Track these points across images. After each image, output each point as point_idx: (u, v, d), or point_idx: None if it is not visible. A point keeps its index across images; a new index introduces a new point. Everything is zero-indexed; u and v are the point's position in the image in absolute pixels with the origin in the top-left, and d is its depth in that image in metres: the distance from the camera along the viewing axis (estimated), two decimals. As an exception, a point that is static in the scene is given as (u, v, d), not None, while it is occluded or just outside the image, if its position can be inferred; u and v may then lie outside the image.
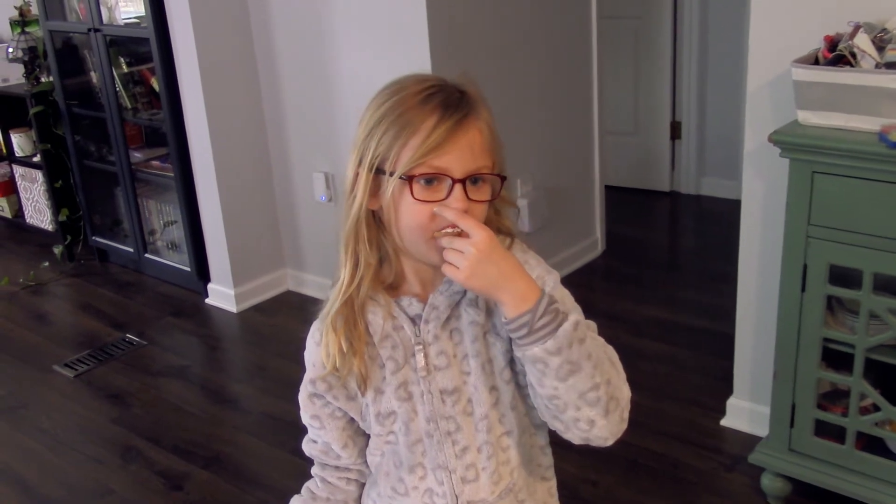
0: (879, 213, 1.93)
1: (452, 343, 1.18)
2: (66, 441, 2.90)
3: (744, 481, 2.44)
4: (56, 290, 4.18)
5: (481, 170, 1.10)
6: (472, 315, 1.17)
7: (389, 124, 1.09)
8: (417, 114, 1.08)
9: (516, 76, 3.40)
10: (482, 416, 1.18)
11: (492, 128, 1.13)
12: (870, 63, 1.91)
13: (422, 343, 1.17)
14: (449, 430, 1.18)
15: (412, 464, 1.21)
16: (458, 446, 1.19)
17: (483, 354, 1.18)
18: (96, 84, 4.03)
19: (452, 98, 1.10)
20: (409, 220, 1.10)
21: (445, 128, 1.07)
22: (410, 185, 1.08)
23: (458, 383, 1.18)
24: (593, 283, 3.81)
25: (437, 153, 1.07)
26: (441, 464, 1.19)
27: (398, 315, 1.17)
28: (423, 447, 1.20)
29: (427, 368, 1.17)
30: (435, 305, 1.16)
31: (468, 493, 1.20)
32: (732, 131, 4.31)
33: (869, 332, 2.04)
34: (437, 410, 1.18)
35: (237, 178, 3.66)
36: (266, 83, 3.63)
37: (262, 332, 3.59)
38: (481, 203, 1.11)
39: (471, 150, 1.09)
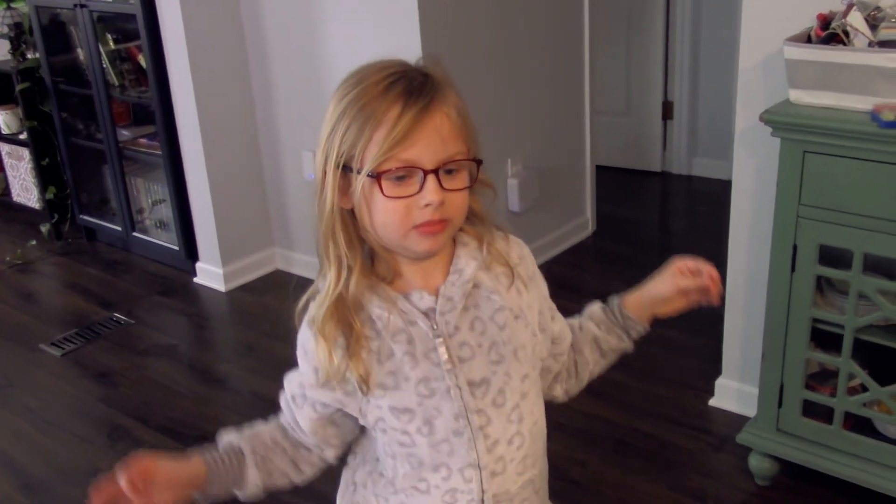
0: (870, 194, 1.92)
1: (475, 333, 1.13)
2: (54, 420, 2.89)
3: (731, 461, 2.44)
4: (43, 268, 4.15)
5: (454, 157, 1.05)
6: (496, 302, 1.14)
7: (352, 119, 1.03)
8: (379, 104, 1.02)
9: (507, 55, 3.38)
10: (513, 406, 1.15)
11: (461, 110, 1.07)
12: (863, 42, 1.89)
13: (441, 335, 1.11)
14: (481, 424, 1.13)
15: (436, 463, 1.14)
16: (490, 440, 1.14)
17: (515, 340, 1.14)
18: (83, 61, 3.99)
19: (415, 83, 1.03)
20: (383, 218, 1.05)
21: (410, 117, 1.01)
22: (379, 182, 1.03)
23: (486, 374, 1.12)
24: (583, 264, 3.80)
25: (404, 145, 1.01)
26: (471, 462, 1.14)
27: (409, 311, 1.11)
28: (449, 447, 1.13)
29: (451, 361, 1.11)
30: (449, 297, 1.11)
31: (495, 487, 1.16)
32: (724, 112, 4.29)
33: (858, 313, 2.04)
34: (467, 405, 1.12)
35: (225, 156, 3.63)
36: (255, 60, 3.59)
37: (251, 312, 3.58)
38: (459, 192, 1.06)
39: (440, 138, 1.03)
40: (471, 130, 1.09)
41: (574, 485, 2.39)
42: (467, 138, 1.07)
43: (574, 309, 1.37)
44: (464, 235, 1.15)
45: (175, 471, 1.17)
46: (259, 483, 1.23)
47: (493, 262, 1.15)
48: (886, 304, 1.99)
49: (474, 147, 1.09)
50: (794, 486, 2.32)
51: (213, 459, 1.20)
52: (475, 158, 1.08)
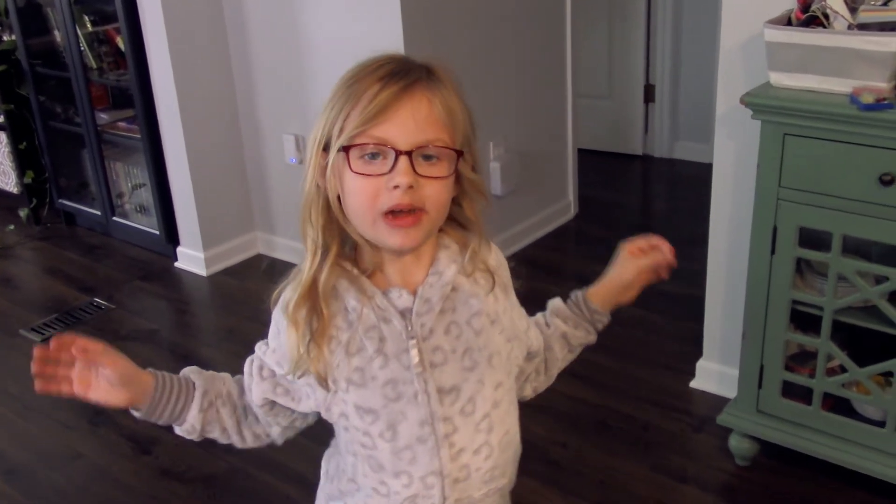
0: (850, 176, 1.93)
1: (449, 337, 1.10)
2: (34, 406, 2.87)
3: (712, 442, 2.46)
4: (22, 253, 4.11)
5: (433, 142, 1.01)
6: (474, 306, 1.11)
7: (337, 99, 1.02)
8: (363, 85, 1.01)
9: (489, 38, 3.37)
10: (483, 415, 1.12)
11: (451, 107, 1.04)
12: (842, 24, 1.90)
13: (415, 337, 1.08)
14: (447, 432, 1.10)
15: (397, 470, 1.12)
16: (455, 448, 1.11)
17: (490, 346, 1.12)
18: (60, 43, 3.94)
19: (403, 67, 1.02)
20: (352, 197, 1.03)
21: (387, 94, 0.99)
22: (349, 157, 1.01)
23: (457, 381, 1.10)
24: (565, 247, 3.81)
25: (377, 121, 0.99)
26: (434, 470, 1.11)
27: (385, 307, 1.08)
28: (411, 454, 1.10)
29: (422, 365, 1.08)
30: (426, 298, 1.08)
31: (458, 493, 1.14)
32: (706, 95, 4.30)
33: (837, 295, 2.06)
34: (434, 412, 1.09)
35: (206, 140, 3.61)
36: (235, 43, 3.56)
37: (233, 296, 3.57)
38: (433, 179, 1.02)
39: (416, 119, 1.00)
40: (461, 127, 1.05)
41: (555, 466, 2.40)
42: (453, 132, 1.04)
43: (556, 292, 1.37)
44: (445, 237, 1.12)
45: (123, 365, 1.14)
46: (197, 426, 1.21)
47: (473, 267, 1.12)
48: (865, 285, 2.01)
49: (461, 141, 1.05)
50: (773, 466, 2.35)
51: (163, 380, 1.18)
52: (456, 149, 1.04)
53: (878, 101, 1.83)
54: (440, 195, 1.04)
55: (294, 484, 2.35)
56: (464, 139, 1.06)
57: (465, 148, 1.06)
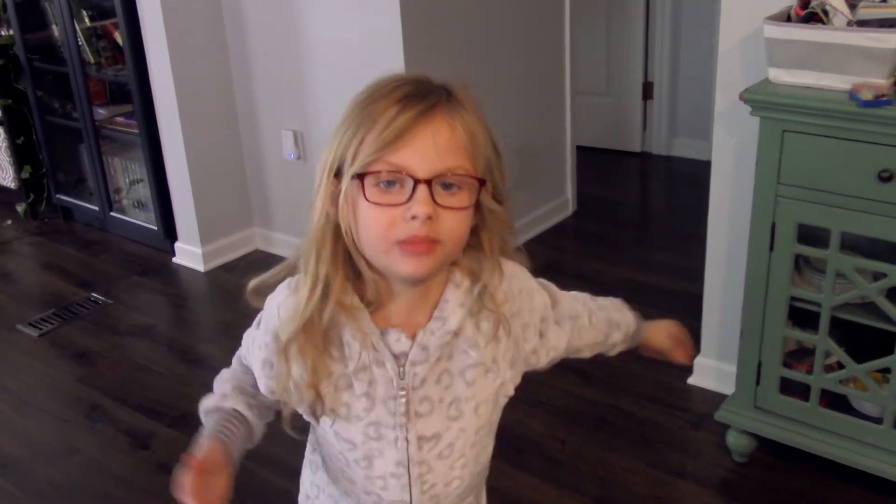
0: (848, 173, 1.93)
1: (440, 387, 1.06)
2: (31, 400, 2.87)
3: (709, 438, 2.46)
4: (19, 248, 4.11)
5: (454, 171, 0.94)
6: (472, 357, 1.06)
7: (351, 121, 0.96)
8: (379, 107, 0.94)
9: (488, 35, 3.36)
10: (460, 456, 1.10)
11: (474, 131, 0.97)
12: (842, 21, 1.90)
13: (406, 388, 1.04)
14: (421, 472, 1.09)
15: (367, 490, 1.11)
16: (427, 485, 1.10)
17: (479, 396, 1.08)
18: (58, 38, 3.93)
19: (421, 89, 0.96)
20: (366, 228, 0.96)
21: (406, 118, 0.92)
22: (363, 184, 0.94)
23: (440, 429, 1.07)
24: (564, 244, 3.81)
25: (394, 147, 0.92)
26: (404, 501, 1.11)
27: (381, 350, 1.02)
28: (383, 483, 1.09)
29: (408, 415, 1.05)
30: (424, 346, 1.03)
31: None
32: (704, 92, 4.30)
33: (835, 291, 2.06)
34: (412, 456, 1.07)
35: (204, 135, 3.60)
36: (233, 38, 3.56)
37: (230, 292, 3.56)
38: (453, 211, 0.95)
39: (436, 146, 0.93)
40: (482, 154, 0.98)
41: (553, 462, 2.40)
42: (473, 158, 0.97)
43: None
44: (456, 273, 1.05)
45: (215, 458, 1.09)
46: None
47: (481, 307, 1.05)
48: (863, 282, 2.01)
49: (484, 170, 0.99)
50: (771, 462, 2.35)
51: (225, 434, 1.14)
52: (478, 177, 0.98)
53: (877, 98, 1.83)
54: (459, 227, 0.97)
55: (291, 479, 2.33)
56: (485, 166, 0.99)
57: (487, 176, 1.00)
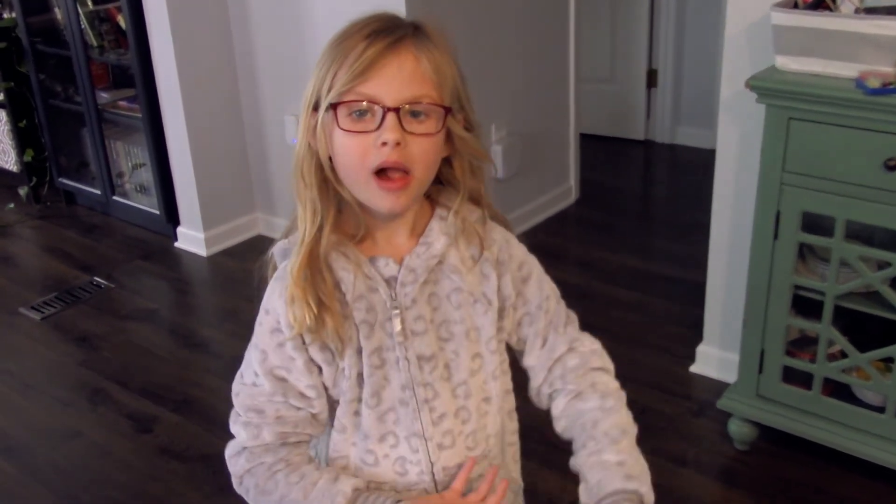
0: (854, 161, 1.92)
1: (430, 308, 1.11)
2: (34, 384, 2.87)
3: (711, 426, 2.46)
4: (22, 232, 4.11)
5: (420, 98, 1.01)
6: (455, 282, 1.12)
7: (326, 58, 1.04)
8: (350, 43, 1.02)
9: (492, 21, 3.35)
10: (460, 381, 1.14)
11: (439, 63, 1.03)
12: (849, 8, 1.89)
13: (399, 307, 1.10)
14: (427, 397, 1.12)
15: (382, 433, 1.13)
16: (436, 413, 1.13)
17: (468, 321, 1.13)
18: (61, 21, 3.92)
19: (390, 25, 1.03)
20: (342, 157, 1.04)
21: (373, 51, 1.00)
22: (336, 115, 1.02)
23: (434, 349, 1.12)
24: (567, 231, 3.80)
25: (363, 79, 1.00)
26: (416, 432, 1.12)
27: (373, 276, 1.09)
28: (395, 416, 1.12)
29: (404, 334, 1.10)
30: (412, 268, 1.09)
31: (444, 460, 1.15)
32: (709, 80, 4.28)
33: (839, 280, 2.05)
34: (414, 377, 1.11)
35: (207, 119, 3.59)
36: (236, 22, 3.54)
37: (233, 277, 3.56)
38: (422, 137, 1.02)
39: (402, 75, 1.01)
40: (449, 84, 1.05)
41: (553, 448, 2.38)
42: (439, 88, 1.03)
43: (556, 276, 1.33)
44: (442, 209, 1.12)
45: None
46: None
47: (464, 238, 1.12)
48: (867, 271, 2.00)
49: (450, 99, 1.05)
50: (773, 450, 2.35)
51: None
52: (443, 105, 1.04)
53: (884, 86, 1.82)
54: (428, 153, 1.04)
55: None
56: (453, 96, 1.05)
57: (455, 105, 1.06)
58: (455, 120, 1.06)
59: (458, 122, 1.07)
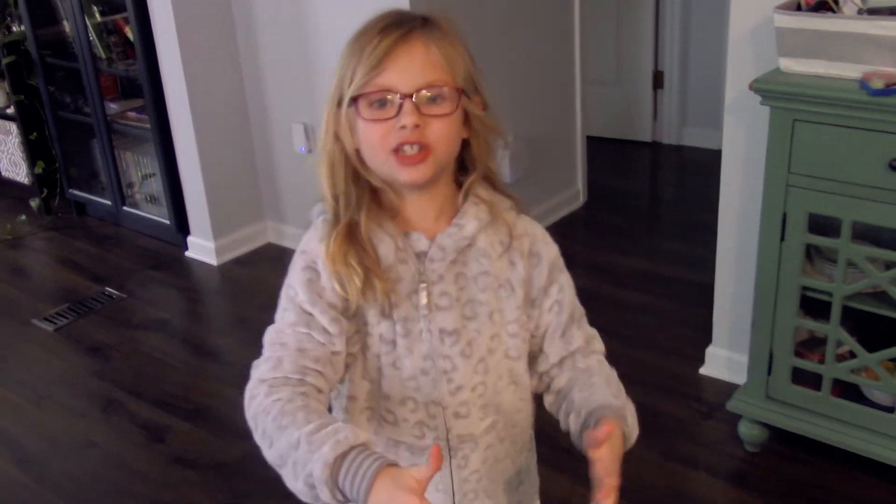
0: (859, 162, 1.93)
1: (457, 286, 1.17)
2: (47, 394, 2.90)
3: (721, 428, 2.47)
4: (34, 243, 4.14)
5: (434, 83, 1.08)
6: (484, 265, 1.17)
7: (345, 57, 1.10)
8: (365, 39, 1.09)
9: (498, 25, 3.36)
10: (480, 359, 1.19)
11: (449, 51, 1.10)
12: (852, 9, 1.90)
13: (426, 281, 1.15)
14: (445, 368, 1.17)
15: (402, 397, 1.18)
16: (453, 384, 1.18)
17: (493, 304, 1.18)
18: (69, 33, 3.95)
19: (401, 19, 1.10)
20: (366, 143, 1.11)
21: (385, 43, 1.07)
22: (357, 106, 1.09)
23: (457, 325, 1.17)
24: (575, 234, 3.81)
25: (378, 70, 1.07)
26: (434, 399, 1.18)
27: (404, 248, 1.15)
28: (416, 383, 1.17)
29: (429, 307, 1.16)
30: (442, 246, 1.15)
31: (458, 428, 1.20)
32: (715, 81, 4.28)
33: (846, 281, 2.05)
34: (436, 349, 1.17)
35: (215, 129, 3.62)
36: (243, 32, 3.56)
37: (243, 285, 3.58)
38: (439, 118, 1.09)
39: (414, 64, 1.07)
40: (461, 68, 1.11)
41: (565, 452, 2.39)
42: (451, 72, 1.09)
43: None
44: (475, 196, 1.18)
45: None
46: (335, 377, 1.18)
47: (495, 226, 1.18)
48: (874, 271, 2.00)
49: (464, 83, 1.11)
50: (783, 452, 2.35)
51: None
52: (457, 87, 1.10)
53: (887, 87, 1.83)
54: (446, 131, 1.10)
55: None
56: (466, 79, 1.12)
57: (469, 88, 1.12)
58: (471, 102, 1.13)
59: (474, 103, 1.14)
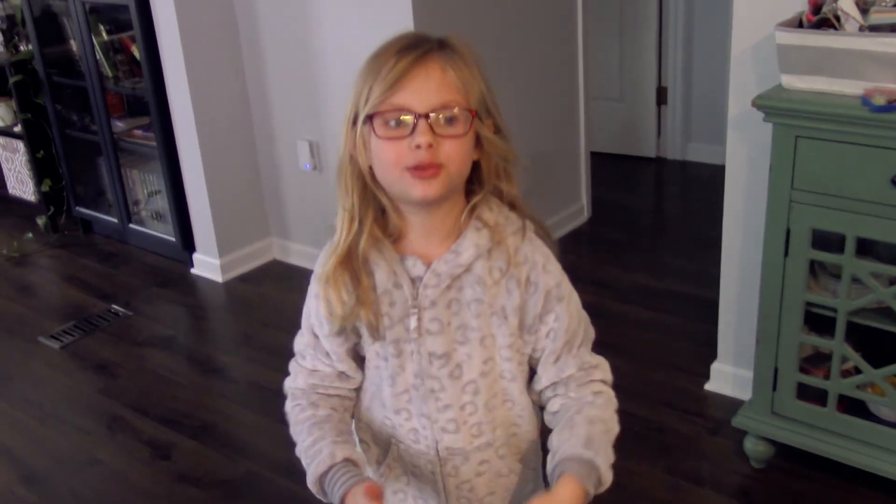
0: (862, 178, 1.93)
1: (449, 312, 1.20)
2: (53, 412, 2.90)
3: (727, 444, 2.46)
4: (40, 261, 4.15)
5: (448, 104, 1.11)
6: (478, 292, 1.19)
7: (361, 76, 1.14)
8: (382, 60, 1.11)
9: (501, 41, 3.38)
10: (469, 380, 1.22)
11: (464, 72, 1.13)
12: (854, 26, 1.90)
13: (417, 308, 1.19)
14: (433, 388, 1.22)
15: (397, 407, 1.25)
16: (441, 403, 1.23)
17: (485, 330, 1.21)
18: (76, 52, 3.98)
19: (417, 41, 1.13)
20: (379, 161, 1.14)
21: (402, 64, 1.10)
22: (372, 124, 1.11)
23: (448, 349, 1.20)
24: (579, 250, 3.81)
25: (395, 90, 1.10)
26: (424, 413, 1.23)
27: (400, 273, 1.18)
28: (408, 396, 1.24)
29: (419, 331, 1.20)
30: (437, 272, 1.18)
31: (447, 441, 1.25)
32: (718, 97, 4.29)
33: (851, 296, 2.05)
34: (424, 370, 1.21)
35: (220, 147, 3.64)
36: (248, 50, 3.59)
37: (249, 302, 3.59)
38: (452, 139, 1.11)
39: (429, 85, 1.10)
40: (475, 90, 1.14)
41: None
42: (465, 94, 1.13)
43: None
44: (479, 221, 1.19)
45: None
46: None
47: (497, 251, 1.19)
48: (879, 287, 2.01)
49: (480, 107, 1.15)
50: (789, 468, 2.34)
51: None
52: (470, 109, 1.13)
53: (889, 103, 1.83)
54: (458, 151, 1.13)
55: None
56: (479, 102, 1.15)
57: (482, 111, 1.15)
58: (483, 124, 1.16)
59: (486, 126, 1.16)
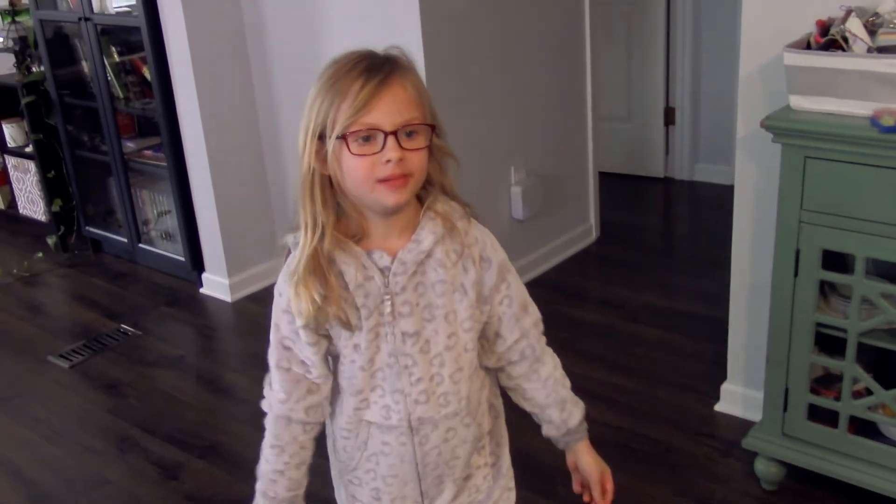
0: (871, 198, 1.93)
1: (416, 294, 1.32)
2: (62, 431, 2.90)
3: (738, 466, 2.45)
4: (50, 280, 4.17)
5: (411, 121, 1.23)
6: (440, 274, 1.32)
7: (325, 95, 1.23)
8: (346, 81, 1.22)
9: (509, 63, 3.39)
10: (436, 354, 1.35)
11: (418, 86, 1.26)
12: (862, 47, 1.91)
13: (390, 293, 1.31)
14: (406, 364, 1.34)
15: (372, 385, 1.36)
16: (414, 377, 1.34)
17: (448, 307, 1.34)
18: (88, 73, 4.02)
19: (376, 62, 1.24)
20: (351, 175, 1.24)
21: (370, 87, 1.21)
22: (346, 142, 1.22)
23: (418, 328, 1.33)
24: (588, 270, 3.81)
25: (365, 111, 1.21)
26: (398, 388, 1.35)
27: (369, 266, 1.30)
28: (383, 374, 1.35)
29: (393, 314, 1.32)
30: (403, 261, 1.30)
31: (419, 412, 1.36)
32: (726, 117, 4.31)
33: (861, 317, 2.05)
34: (398, 348, 1.33)
35: (230, 167, 3.65)
36: (258, 71, 3.61)
37: (257, 322, 3.59)
38: (416, 151, 1.24)
39: (395, 105, 1.22)
40: (426, 101, 1.27)
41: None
42: (423, 107, 1.26)
43: (578, 315, 1.39)
44: (432, 212, 1.32)
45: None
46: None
47: (450, 236, 1.33)
48: (889, 307, 2.00)
49: (431, 116, 1.27)
50: (800, 490, 2.33)
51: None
52: (429, 123, 1.26)
53: (898, 124, 1.83)
54: (421, 161, 1.26)
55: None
56: (430, 113, 1.28)
57: (433, 118, 1.28)
58: (435, 133, 1.28)
59: (436, 133, 1.29)
